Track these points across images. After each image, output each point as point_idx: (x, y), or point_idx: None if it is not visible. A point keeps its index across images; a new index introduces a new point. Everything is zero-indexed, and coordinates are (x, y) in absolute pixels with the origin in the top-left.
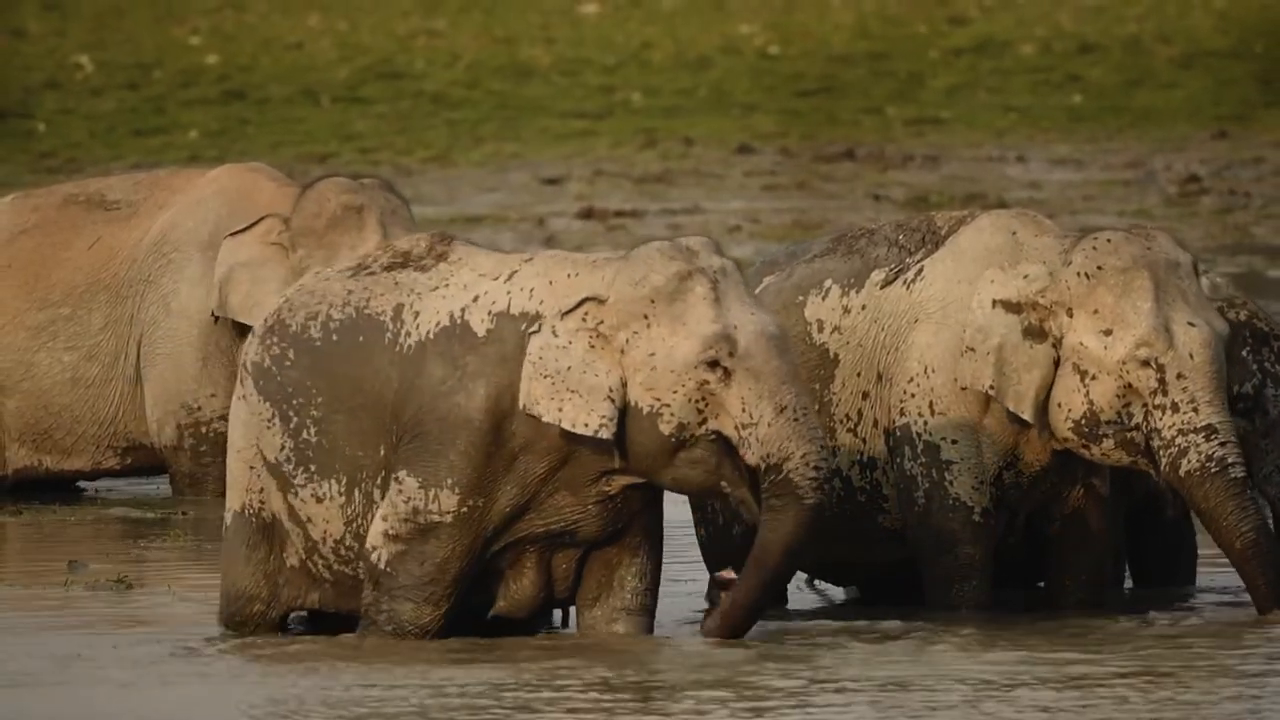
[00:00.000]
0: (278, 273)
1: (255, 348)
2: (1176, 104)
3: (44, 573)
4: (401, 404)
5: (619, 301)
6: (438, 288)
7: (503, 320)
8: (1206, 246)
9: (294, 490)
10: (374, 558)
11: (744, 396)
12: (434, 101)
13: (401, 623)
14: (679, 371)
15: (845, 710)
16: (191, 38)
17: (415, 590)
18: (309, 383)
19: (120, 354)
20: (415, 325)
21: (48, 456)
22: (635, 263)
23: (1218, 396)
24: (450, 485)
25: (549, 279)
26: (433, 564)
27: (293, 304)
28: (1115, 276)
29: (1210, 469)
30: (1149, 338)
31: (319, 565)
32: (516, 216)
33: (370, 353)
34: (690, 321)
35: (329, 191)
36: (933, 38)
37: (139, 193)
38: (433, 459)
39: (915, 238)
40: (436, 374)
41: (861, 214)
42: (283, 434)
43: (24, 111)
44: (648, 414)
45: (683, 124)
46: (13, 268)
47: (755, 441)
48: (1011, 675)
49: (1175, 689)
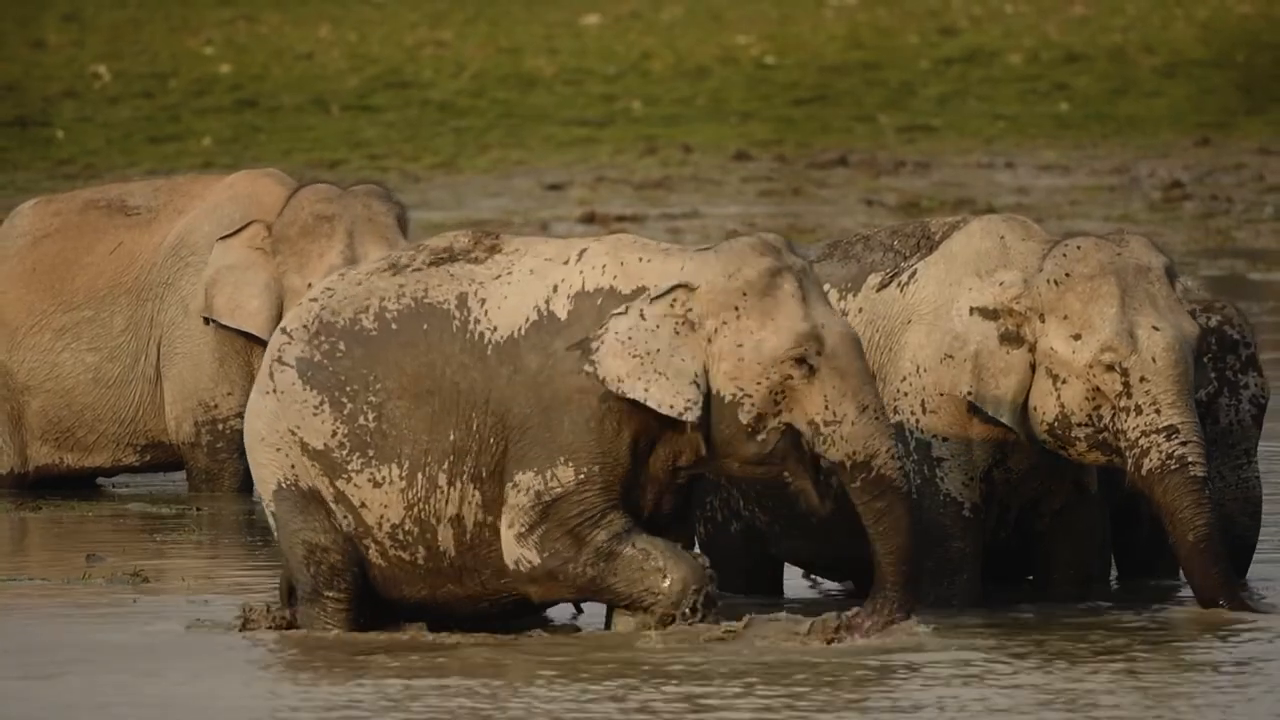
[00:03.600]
0: (260, 277)
1: (300, 347)
2: (1160, 112)
3: (63, 566)
4: (493, 395)
5: (710, 291)
6: (499, 276)
7: (579, 299)
8: (1190, 250)
9: (346, 475)
10: (524, 566)
11: (827, 394)
12: (441, 110)
13: (600, 554)
14: (766, 364)
15: (837, 700)
16: (205, 48)
17: (582, 527)
18: (365, 371)
19: (141, 355)
20: (485, 313)
21: (69, 454)
22: (727, 255)
23: (1181, 398)
24: (564, 461)
25: (619, 259)
26: (571, 518)
27: (333, 302)
28: (1083, 283)
29: (1170, 466)
30: (1113, 342)
31: (371, 550)
32: (520, 221)
33: (438, 340)
34: (779, 317)
35: (305, 199)
36: (923, 48)
37: (159, 198)
38: (542, 448)
39: (910, 242)
40: (532, 366)
41: (854, 219)
42: (334, 420)
43: (43, 120)
44: (729, 402)
45: (681, 131)
46: (37, 271)
47: (840, 439)
48: (1004, 670)
49: (1161, 681)
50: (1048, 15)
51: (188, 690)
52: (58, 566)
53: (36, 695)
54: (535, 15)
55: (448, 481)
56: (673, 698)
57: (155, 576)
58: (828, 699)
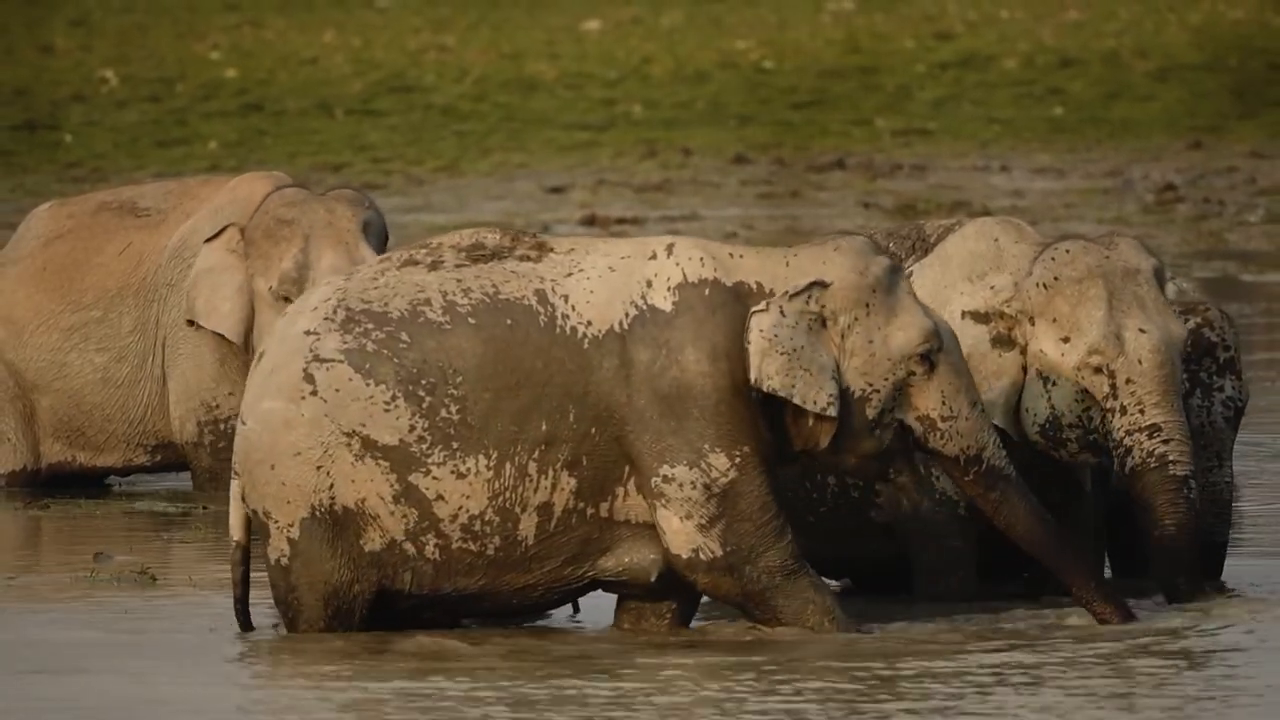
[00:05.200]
0: (234, 279)
1: (338, 337)
2: (1153, 116)
3: (71, 564)
4: (592, 387)
5: (843, 288)
6: (572, 274)
7: (683, 291)
8: (1182, 253)
9: (424, 469)
10: (704, 555)
11: (944, 390)
12: (443, 114)
13: (782, 566)
14: (895, 360)
15: (836, 695)
16: (212, 53)
17: (762, 539)
18: (441, 363)
19: (148, 355)
20: (571, 308)
21: (81, 453)
22: (852, 253)
23: (1166, 399)
24: (709, 449)
25: (711, 253)
26: (757, 509)
27: (379, 292)
28: (1071, 286)
29: (1149, 464)
30: (1100, 345)
31: (429, 544)
32: (522, 224)
33: (524, 334)
34: (902, 313)
35: (272, 204)
36: (920, 53)
37: (168, 200)
38: (678, 438)
39: (906, 245)
40: (643, 358)
41: (852, 221)
42: (411, 414)
43: (52, 123)
44: (858, 397)
45: (681, 135)
46: (47, 271)
47: (956, 434)
48: (996, 664)
49: (1155, 675)
50: (1042, 20)
51: (191, 688)
52: (65, 564)
53: (40, 693)
54: (537, 21)
55: (538, 470)
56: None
57: (162, 575)
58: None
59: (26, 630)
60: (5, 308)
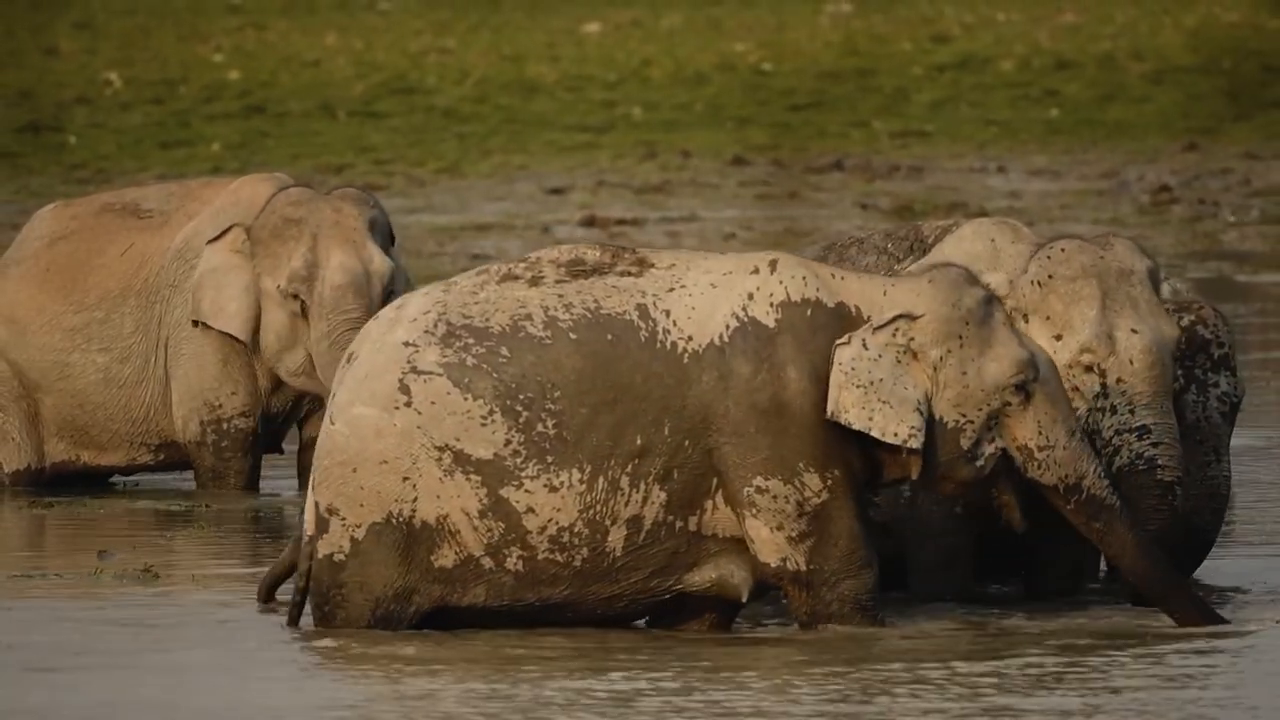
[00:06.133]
0: (241, 279)
1: (438, 351)
2: (1148, 118)
3: (75, 562)
4: (690, 400)
5: (934, 320)
6: (674, 289)
7: (786, 309)
8: (1178, 253)
9: (516, 482)
10: (790, 564)
11: (1040, 420)
12: (445, 116)
13: (855, 599)
14: (989, 391)
15: (833, 693)
16: (215, 55)
17: (846, 567)
18: (540, 378)
19: (151, 356)
20: (673, 323)
21: (85, 451)
22: (945, 285)
23: (1156, 400)
24: (804, 468)
25: (814, 272)
26: (845, 538)
27: (480, 307)
28: (1065, 285)
29: (1138, 466)
30: (1091, 344)
31: (512, 556)
32: (523, 225)
33: (624, 349)
34: (997, 344)
35: (278, 203)
36: (917, 55)
37: (171, 202)
38: (773, 452)
39: (903, 246)
40: (744, 371)
41: (850, 222)
42: (507, 429)
43: (56, 125)
44: (951, 428)
45: (680, 137)
46: (51, 272)
47: (1053, 463)
48: (991, 661)
49: (1149, 672)
50: (1038, 23)
51: (195, 687)
52: (69, 563)
53: (43, 691)
54: (537, 23)
55: (630, 483)
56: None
57: (165, 573)
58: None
59: (30, 628)
60: (9, 308)
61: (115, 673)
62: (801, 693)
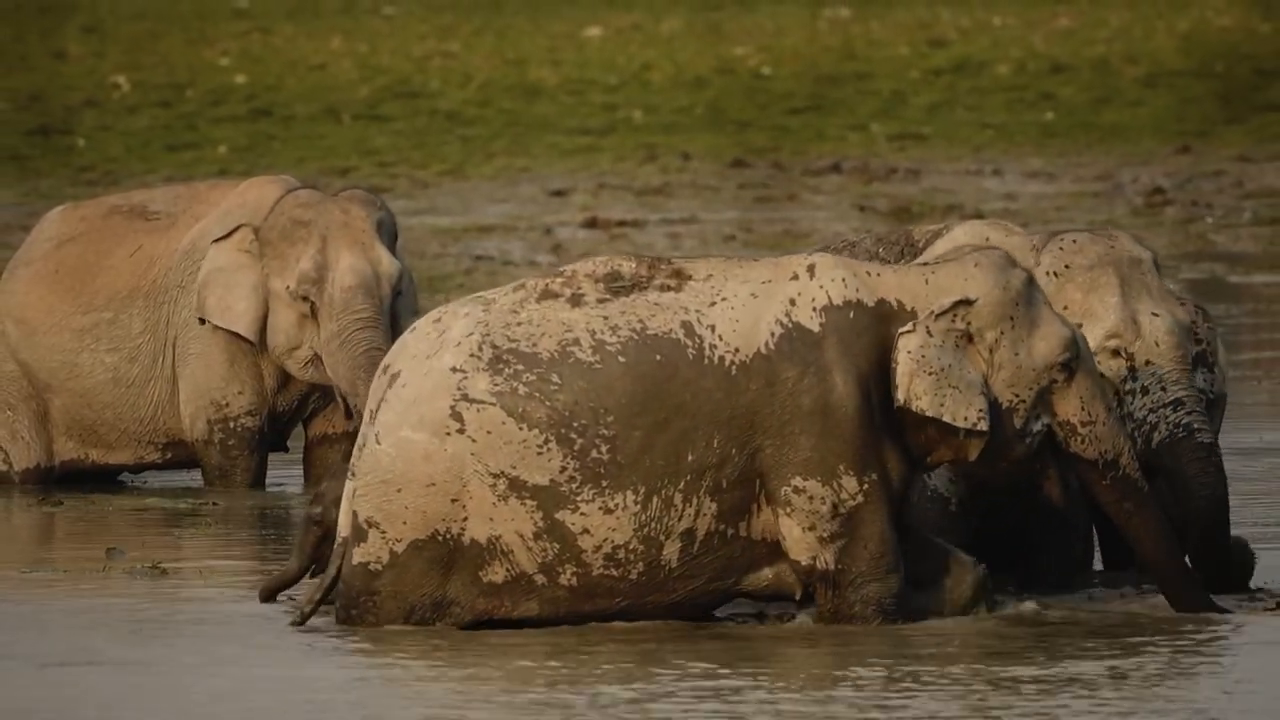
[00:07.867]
0: (248, 279)
1: (488, 377)
2: (1142, 121)
3: (84, 559)
4: (738, 410)
5: (988, 304)
6: (715, 302)
7: (830, 313)
8: (1170, 254)
9: (572, 506)
10: (819, 564)
11: (1082, 396)
12: (448, 119)
13: (879, 601)
14: (1040, 369)
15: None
16: (221, 59)
17: (874, 569)
18: (592, 404)
19: (158, 356)
20: (719, 338)
21: (93, 450)
22: (993, 268)
23: (1184, 376)
24: (844, 470)
25: (853, 271)
26: (875, 541)
27: (524, 330)
28: (1082, 274)
29: (1178, 434)
30: (1118, 329)
31: (566, 573)
32: (525, 226)
33: (673, 369)
34: (1043, 324)
35: (287, 205)
36: (914, 59)
37: (178, 204)
38: (816, 453)
39: (894, 250)
40: (790, 375)
41: (848, 224)
42: (563, 456)
43: (65, 128)
44: (1005, 409)
45: (681, 140)
46: (59, 273)
47: (1095, 438)
48: (988, 659)
49: (1147, 669)
50: (1034, 27)
51: (204, 682)
52: (79, 560)
53: (55, 687)
54: (539, 27)
55: (684, 500)
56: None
57: (173, 569)
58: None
59: (40, 625)
60: (18, 309)
61: (124, 668)
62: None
